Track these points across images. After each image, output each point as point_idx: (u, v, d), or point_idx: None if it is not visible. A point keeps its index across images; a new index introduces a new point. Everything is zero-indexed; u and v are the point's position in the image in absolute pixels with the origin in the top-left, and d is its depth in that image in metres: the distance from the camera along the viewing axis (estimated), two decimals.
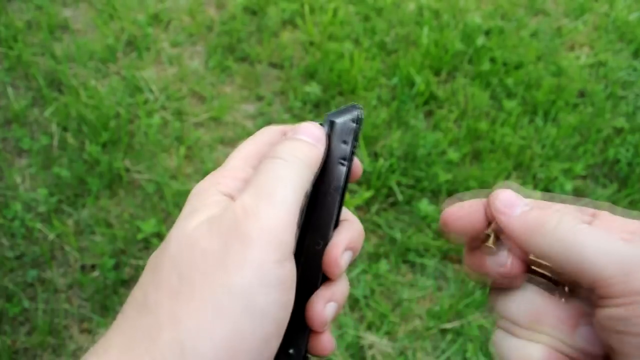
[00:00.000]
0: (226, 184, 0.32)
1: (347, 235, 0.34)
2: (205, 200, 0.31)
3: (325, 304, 0.33)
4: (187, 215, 0.30)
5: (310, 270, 0.33)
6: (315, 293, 0.33)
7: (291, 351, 0.33)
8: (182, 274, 0.27)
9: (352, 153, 0.34)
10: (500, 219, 0.30)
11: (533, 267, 0.31)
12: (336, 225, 0.34)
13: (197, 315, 0.26)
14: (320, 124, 0.34)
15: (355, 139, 0.34)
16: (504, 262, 0.30)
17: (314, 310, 0.32)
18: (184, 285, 0.27)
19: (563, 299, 0.30)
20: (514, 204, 0.30)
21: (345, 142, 0.34)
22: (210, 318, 0.26)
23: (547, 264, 0.30)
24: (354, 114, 0.34)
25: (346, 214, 0.35)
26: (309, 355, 0.34)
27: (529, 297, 0.30)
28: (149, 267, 0.30)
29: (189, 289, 0.27)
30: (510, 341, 0.30)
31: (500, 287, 0.31)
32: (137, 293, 0.29)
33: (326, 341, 0.33)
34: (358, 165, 0.36)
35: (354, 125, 0.34)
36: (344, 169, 0.34)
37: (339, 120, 0.34)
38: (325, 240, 0.33)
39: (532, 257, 0.31)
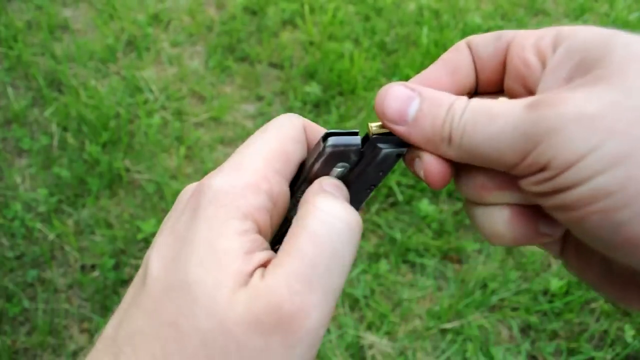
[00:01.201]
0: (249, 201, 0.26)
1: None
2: (225, 226, 0.26)
3: None
4: (212, 256, 0.25)
5: None
6: None
7: None
8: (212, 358, 0.24)
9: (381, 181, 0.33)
10: (397, 130, 0.28)
11: None
12: None
13: None
14: (355, 133, 0.30)
15: (390, 171, 0.32)
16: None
17: None
18: None
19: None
20: (404, 108, 0.28)
21: (382, 171, 0.31)
22: None
23: None
24: (402, 150, 0.31)
25: None
26: None
27: (473, 175, 0.29)
28: (163, 310, 0.25)
29: None
30: (476, 210, 0.29)
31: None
32: (150, 342, 0.24)
33: None
34: None
35: (397, 159, 0.31)
36: (369, 193, 0.32)
37: (388, 150, 0.30)
38: None
39: None
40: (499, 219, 0.28)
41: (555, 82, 0.26)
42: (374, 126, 0.30)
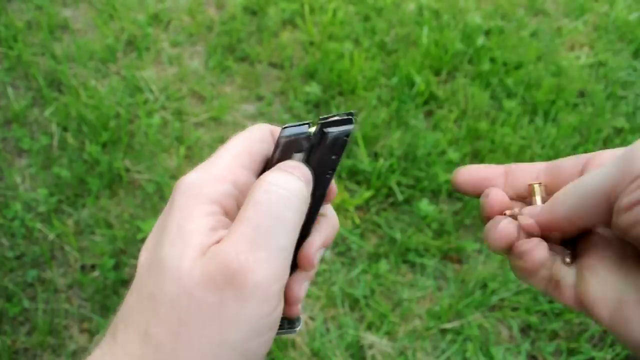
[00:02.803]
0: (215, 188, 0.31)
1: (323, 233, 0.35)
2: (194, 210, 0.30)
3: (302, 285, 0.35)
4: (178, 235, 0.29)
5: None
6: (292, 277, 0.34)
7: None
8: (181, 319, 0.28)
9: (338, 164, 0.35)
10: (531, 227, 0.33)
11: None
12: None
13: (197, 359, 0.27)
14: (307, 124, 0.34)
15: (344, 152, 0.34)
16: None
17: (292, 291, 0.34)
18: (183, 330, 0.28)
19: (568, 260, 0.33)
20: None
21: (335, 154, 0.34)
22: None
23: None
24: (348, 128, 0.33)
25: (325, 209, 0.36)
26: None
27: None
28: (145, 288, 0.29)
29: (188, 334, 0.28)
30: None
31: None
32: (137, 315, 0.29)
33: (297, 308, 0.35)
34: (334, 186, 0.36)
35: (347, 139, 0.34)
36: (330, 179, 0.35)
37: (333, 132, 0.33)
38: (303, 237, 0.34)
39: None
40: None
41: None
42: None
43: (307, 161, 0.34)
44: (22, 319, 1.31)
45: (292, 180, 0.31)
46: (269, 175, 0.31)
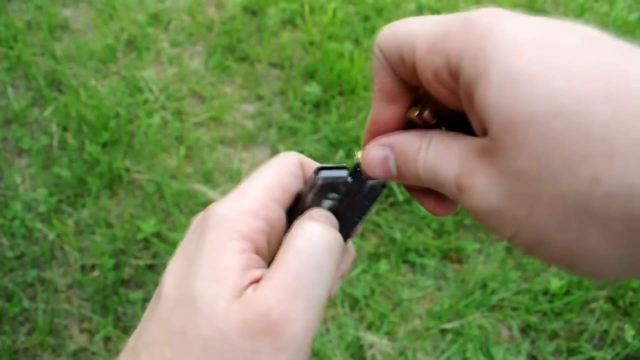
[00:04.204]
0: (248, 224, 0.31)
1: (342, 266, 0.36)
2: (226, 246, 0.30)
3: None
4: (213, 270, 0.29)
5: None
6: None
7: None
8: None
9: (369, 211, 0.36)
10: (391, 180, 0.32)
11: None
12: None
13: None
14: (344, 167, 0.34)
15: (377, 200, 0.35)
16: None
17: None
18: None
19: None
20: (386, 167, 0.31)
21: (369, 201, 0.35)
22: None
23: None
24: (386, 182, 0.34)
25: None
26: None
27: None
28: (174, 322, 0.29)
29: None
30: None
31: None
32: (163, 349, 0.29)
33: None
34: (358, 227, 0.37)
35: (382, 188, 0.34)
36: (358, 222, 0.35)
37: (373, 182, 0.34)
38: None
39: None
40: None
41: (472, 120, 0.25)
42: (360, 156, 0.33)
43: (340, 202, 0.34)
44: (22, 319, 1.31)
45: (332, 231, 0.31)
46: (308, 224, 0.31)
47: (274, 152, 1.66)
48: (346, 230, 0.35)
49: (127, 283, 1.37)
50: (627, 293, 1.36)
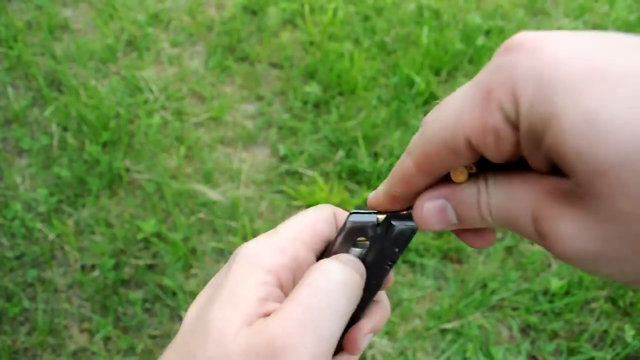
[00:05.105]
0: (274, 259, 0.31)
1: (374, 319, 0.35)
2: (249, 278, 0.31)
3: None
4: (230, 300, 0.30)
5: None
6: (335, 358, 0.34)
7: None
8: None
9: (399, 258, 0.35)
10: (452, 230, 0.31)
11: None
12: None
13: None
14: (375, 213, 0.34)
15: (406, 247, 0.35)
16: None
17: None
18: None
19: None
20: (445, 219, 0.30)
21: (398, 248, 0.34)
22: None
23: None
24: (414, 226, 0.33)
25: (379, 295, 0.37)
26: None
27: None
28: (186, 345, 0.30)
29: None
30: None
31: None
32: None
33: None
34: (391, 277, 0.36)
35: (412, 235, 0.34)
36: (388, 270, 0.35)
37: (400, 226, 0.34)
38: (353, 322, 0.35)
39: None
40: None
41: (535, 162, 0.24)
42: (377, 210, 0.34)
43: (369, 250, 0.34)
44: (22, 319, 1.31)
45: (349, 271, 0.31)
46: (327, 262, 0.32)
47: (274, 152, 1.66)
48: (376, 279, 0.35)
49: (127, 283, 1.37)
50: (627, 293, 1.36)
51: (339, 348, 0.34)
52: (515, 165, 0.26)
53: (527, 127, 0.22)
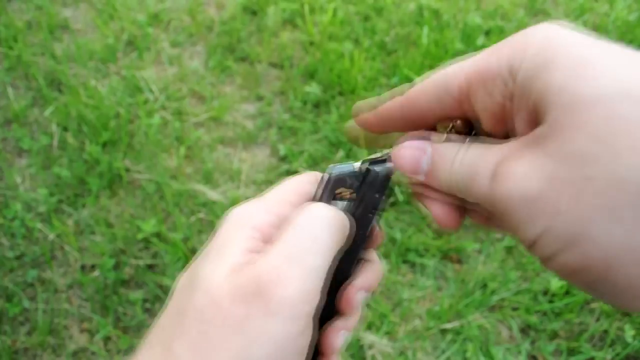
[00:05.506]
0: (259, 217, 0.32)
1: (366, 276, 0.35)
2: (236, 234, 0.31)
3: (339, 334, 0.34)
4: (217, 254, 0.30)
5: (328, 302, 0.34)
6: (331, 324, 0.34)
7: None
8: (204, 331, 0.27)
9: (383, 204, 0.35)
10: (416, 179, 0.32)
11: None
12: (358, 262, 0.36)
13: None
14: (355, 164, 0.35)
15: (388, 192, 0.35)
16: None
17: (328, 340, 0.34)
18: (205, 343, 0.27)
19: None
20: (418, 162, 0.31)
21: (378, 193, 0.34)
22: None
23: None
24: (390, 168, 0.34)
25: (371, 254, 0.37)
26: None
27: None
28: (176, 304, 0.30)
29: (209, 348, 0.27)
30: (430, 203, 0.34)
31: None
32: (164, 331, 0.29)
33: None
34: (381, 231, 0.37)
35: (388, 178, 0.34)
36: (373, 218, 0.35)
37: (377, 170, 0.34)
38: (345, 279, 0.35)
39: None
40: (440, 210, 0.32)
41: (520, 124, 0.26)
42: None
43: (351, 200, 0.34)
44: (22, 319, 1.31)
45: (332, 208, 0.32)
46: (308, 203, 0.32)
47: (274, 152, 1.66)
48: (363, 230, 0.35)
49: (127, 283, 1.37)
50: None
51: (336, 312, 0.34)
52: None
53: (524, 74, 0.24)
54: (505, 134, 0.28)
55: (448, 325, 1.31)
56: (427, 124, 0.31)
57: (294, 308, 0.27)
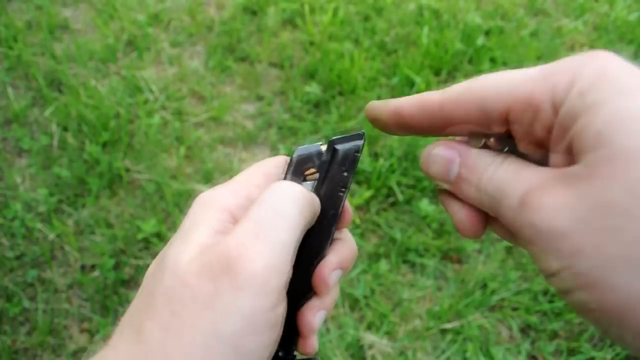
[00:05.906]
0: (227, 199, 0.32)
1: (339, 255, 0.35)
2: (204, 216, 0.31)
3: (316, 314, 0.34)
4: (185, 236, 0.30)
5: (303, 282, 0.34)
6: (306, 304, 0.34)
7: (280, 354, 0.34)
8: (173, 311, 0.27)
9: (351, 181, 0.35)
10: (443, 186, 0.32)
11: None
12: (330, 242, 0.35)
13: (185, 353, 0.26)
14: (322, 144, 0.35)
15: (355, 169, 0.35)
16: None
17: (305, 319, 0.34)
18: (175, 321, 0.27)
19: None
20: (445, 171, 0.31)
21: (346, 170, 0.35)
22: (199, 358, 0.26)
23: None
24: (358, 143, 0.34)
25: (344, 233, 0.37)
26: (295, 354, 0.35)
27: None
28: (146, 288, 0.30)
29: (179, 326, 0.27)
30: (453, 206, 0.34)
31: None
32: (134, 314, 0.29)
33: (312, 343, 0.35)
34: (349, 209, 0.37)
35: (357, 155, 0.35)
36: (343, 197, 0.35)
37: (343, 148, 0.34)
38: (319, 258, 0.35)
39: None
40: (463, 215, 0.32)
41: (556, 155, 0.26)
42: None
43: (319, 180, 0.35)
44: (22, 319, 1.31)
45: (298, 185, 0.32)
46: (275, 182, 0.33)
47: (274, 152, 1.66)
48: (334, 209, 0.35)
49: (127, 283, 1.37)
50: None
51: (309, 293, 0.34)
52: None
53: (566, 111, 0.24)
54: (540, 157, 0.28)
55: (448, 325, 1.31)
56: (453, 133, 0.31)
57: (264, 282, 0.27)
